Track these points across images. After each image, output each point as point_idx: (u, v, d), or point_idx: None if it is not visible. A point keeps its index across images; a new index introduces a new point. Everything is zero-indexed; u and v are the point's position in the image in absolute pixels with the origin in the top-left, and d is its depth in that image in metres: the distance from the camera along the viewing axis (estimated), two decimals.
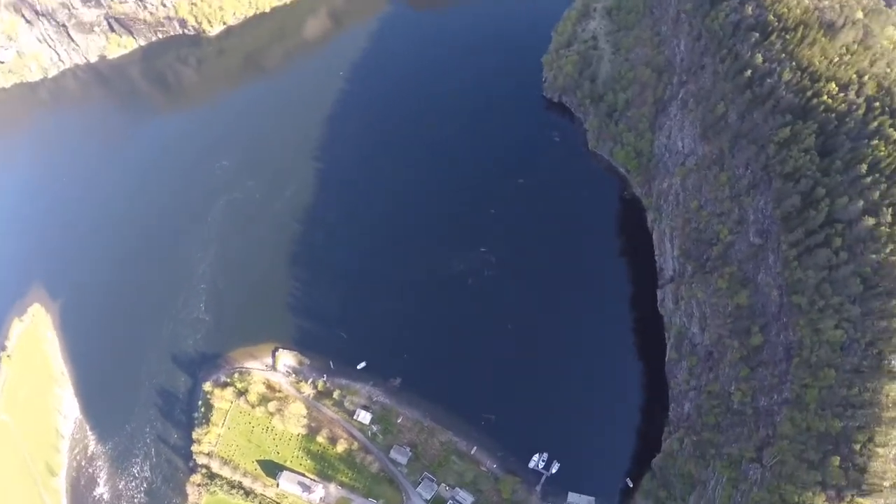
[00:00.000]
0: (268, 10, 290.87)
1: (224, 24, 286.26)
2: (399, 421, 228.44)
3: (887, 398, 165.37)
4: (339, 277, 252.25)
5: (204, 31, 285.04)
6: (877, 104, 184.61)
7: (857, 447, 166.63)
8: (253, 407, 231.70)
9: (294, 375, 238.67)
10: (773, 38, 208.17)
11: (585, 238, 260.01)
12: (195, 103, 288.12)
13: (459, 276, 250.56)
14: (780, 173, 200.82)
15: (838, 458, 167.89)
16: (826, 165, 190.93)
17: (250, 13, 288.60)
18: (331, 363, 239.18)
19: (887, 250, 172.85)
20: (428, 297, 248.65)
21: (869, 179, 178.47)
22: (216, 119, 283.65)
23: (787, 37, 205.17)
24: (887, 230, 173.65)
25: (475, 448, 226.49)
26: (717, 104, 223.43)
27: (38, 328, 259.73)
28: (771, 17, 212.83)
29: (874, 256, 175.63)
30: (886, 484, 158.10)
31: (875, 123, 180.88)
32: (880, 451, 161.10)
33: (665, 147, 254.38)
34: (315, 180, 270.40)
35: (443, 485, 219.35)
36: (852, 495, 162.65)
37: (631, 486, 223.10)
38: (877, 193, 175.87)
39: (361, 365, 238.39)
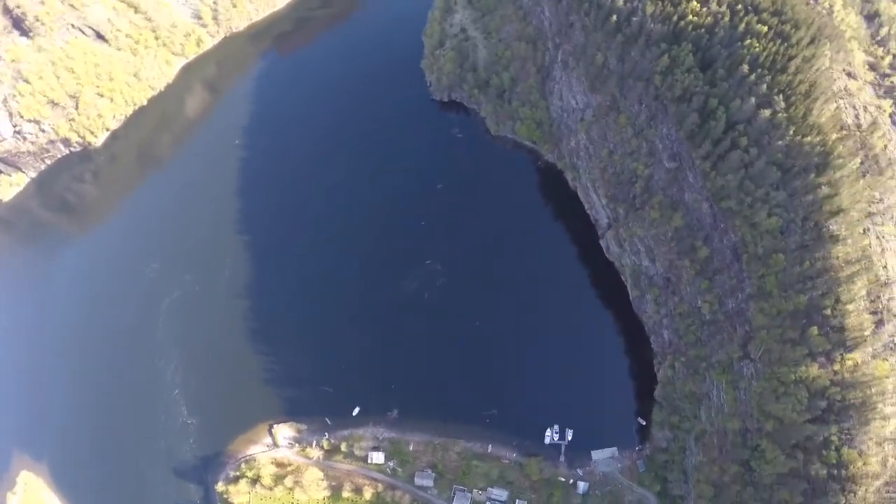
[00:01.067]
0: (145, 102, 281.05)
1: (107, 130, 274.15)
2: (411, 449, 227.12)
3: (838, 259, 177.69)
4: (302, 336, 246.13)
5: (90, 144, 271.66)
6: (739, 7, 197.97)
7: (828, 311, 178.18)
8: (271, 489, 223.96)
9: (297, 445, 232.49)
10: None
11: (517, 217, 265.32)
12: (104, 216, 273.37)
13: (414, 294, 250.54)
14: (672, 98, 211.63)
15: (815, 327, 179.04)
16: (711, 77, 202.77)
17: (129, 111, 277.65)
18: (327, 420, 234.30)
19: (790, 132, 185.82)
20: (392, 323, 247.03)
21: (753, 76, 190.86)
22: (130, 225, 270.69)
23: None
24: (784, 115, 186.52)
25: (490, 446, 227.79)
26: (594, 55, 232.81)
27: (33, 495, 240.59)
28: None
29: (781, 142, 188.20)
30: (867, 333, 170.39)
31: (742, 25, 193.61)
32: (850, 307, 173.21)
33: (561, 109, 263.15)
34: (247, 252, 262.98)
35: (475, 490, 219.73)
36: (841, 354, 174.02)
37: (644, 423, 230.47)
38: (764, 86, 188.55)
39: (356, 411, 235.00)
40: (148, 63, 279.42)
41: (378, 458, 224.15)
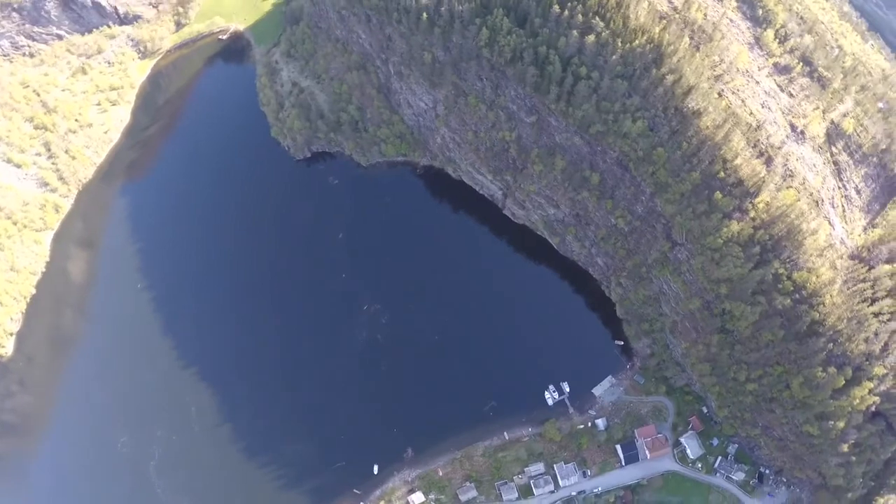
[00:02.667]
0: (33, 291, 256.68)
1: (10, 335, 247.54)
2: (441, 474, 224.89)
3: (708, 129, 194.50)
4: (291, 429, 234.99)
5: (1, 356, 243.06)
6: None
7: (722, 174, 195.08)
8: None
9: None
10: None
11: (422, 228, 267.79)
12: (51, 419, 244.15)
13: (368, 341, 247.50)
14: (506, 63, 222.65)
15: (717, 192, 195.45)
16: (531, 29, 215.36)
17: (23, 307, 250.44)
18: (356, 491, 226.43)
19: (619, 44, 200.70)
20: (362, 375, 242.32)
21: (566, 12, 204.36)
22: (79, 414, 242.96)
23: None
24: (607, 32, 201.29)
25: (505, 433, 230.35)
26: (422, 55, 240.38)
27: None
28: None
29: (615, 56, 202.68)
30: (763, 174, 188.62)
31: None
32: (738, 161, 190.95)
33: (414, 115, 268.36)
34: (201, 382, 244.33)
35: (514, 478, 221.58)
36: (750, 202, 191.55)
37: (622, 343, 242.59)
38: (579, 16, 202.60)
39: (376, 469, 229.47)
40: (18, 251, 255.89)
41: (418, 497, 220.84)
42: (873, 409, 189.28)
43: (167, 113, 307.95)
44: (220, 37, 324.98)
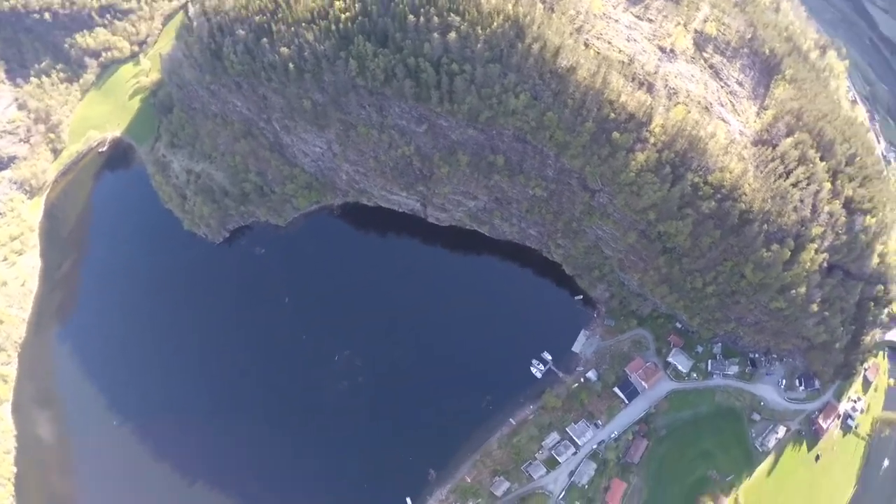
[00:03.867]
0: (15, 469, 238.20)
1: None
2: (469, 480, 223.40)
3: (585, 78, 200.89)
4: (316, 496, 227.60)
5: None
6: None
7: (613, 115, 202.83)
8: None
9: None
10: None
11: (362, 264, 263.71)
12: None
13: (350, 388, 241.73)
14: (382, 83, 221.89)
15: (615, 132, 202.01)
16: (394, 46, 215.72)
17: (10, 489, 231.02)
18: None
19: (479, 31, 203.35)
20: (358, 421, 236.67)
21: (422, 19, 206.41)
22: None
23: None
24: (465, 24, 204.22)
25: (511, 419, 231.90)
26: (301, 103, 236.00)
27: None
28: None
29: (480, 45, 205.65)
30: (649, 102, 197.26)
31: None
32: (623, 98, 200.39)
33: (312, 161, 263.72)
34: (212, 492, 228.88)
35: (536, 456, 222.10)
36: (647, 130, 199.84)
37: (581, 297, 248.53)
38: (435, 19, 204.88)
39: (408, 501, 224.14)
40: None
41: None
42: (825, 264, 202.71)
43: (75, 244, 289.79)
44: (100, 150, 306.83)
